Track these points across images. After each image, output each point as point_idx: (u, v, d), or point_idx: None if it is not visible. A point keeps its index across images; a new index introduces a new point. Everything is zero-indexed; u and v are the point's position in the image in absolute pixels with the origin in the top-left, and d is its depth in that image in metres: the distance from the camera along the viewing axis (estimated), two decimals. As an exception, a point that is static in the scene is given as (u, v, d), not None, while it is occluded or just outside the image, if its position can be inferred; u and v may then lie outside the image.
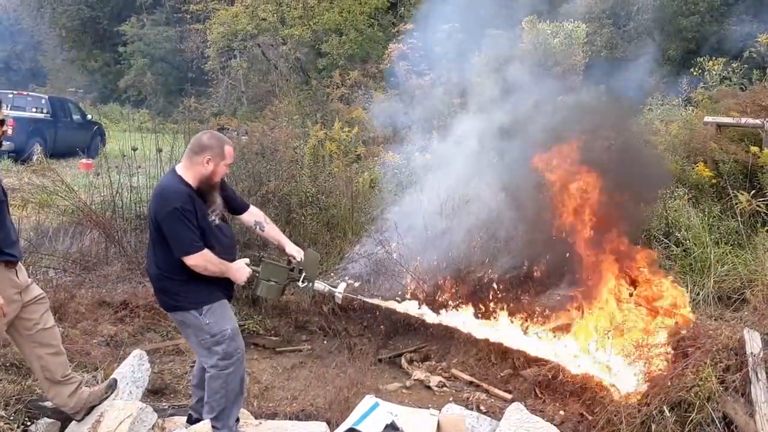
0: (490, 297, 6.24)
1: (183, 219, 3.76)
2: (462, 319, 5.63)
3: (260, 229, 4.37)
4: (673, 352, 5.03)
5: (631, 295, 5.91)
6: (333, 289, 4.44)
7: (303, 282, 4.25)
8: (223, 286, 4.06)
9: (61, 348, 3.98)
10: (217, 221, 4.01)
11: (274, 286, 4.20)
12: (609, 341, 5.34)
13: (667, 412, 4.67)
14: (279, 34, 19.74)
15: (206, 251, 3.84)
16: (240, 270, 4.04)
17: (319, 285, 4.37)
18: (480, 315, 5.91)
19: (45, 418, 4.16)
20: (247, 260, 4.12)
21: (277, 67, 20.56)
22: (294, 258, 4.30)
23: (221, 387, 4.00)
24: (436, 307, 5.72)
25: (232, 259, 4.06)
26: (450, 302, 6.09)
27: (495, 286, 6.30)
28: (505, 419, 4.31)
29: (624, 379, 5.09)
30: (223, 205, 4.13)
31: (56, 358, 3.91)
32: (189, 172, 3.92)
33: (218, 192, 4.05)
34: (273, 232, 4.43)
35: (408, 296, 6.18)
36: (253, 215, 4.38)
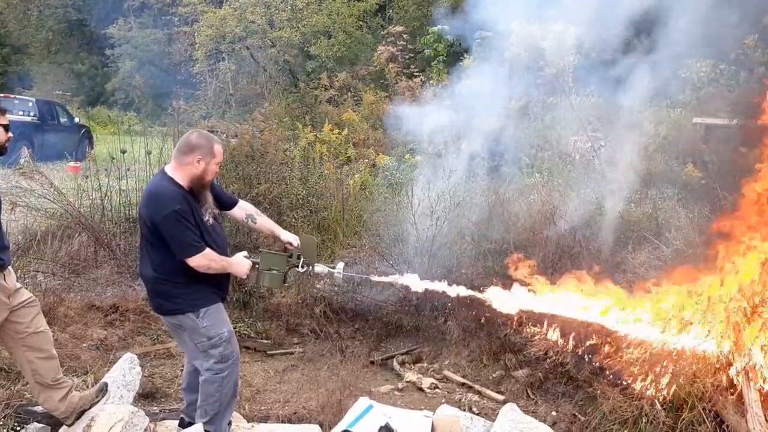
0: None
1: (182, 221, 3.73)
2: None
3: (252, 221, 4.35)
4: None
5: None
6: (332, 269, 4.38)
7: (302, 267, 4.24)
8: (218, 289, 4.04)
9: (53, 352, 3.94)
10: (211, 221, 3.98)
11: (276, 274, 4.17)
12: None
13: (658, 405, 4.70)
14: (267, 37, 19.68)
15: (208, 250, 3.82)
16: (240, 263, 4.02)
17: (319, 267, 4.32)
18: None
19: (35, 423, 4.11)
20: (245, 253, 4.11)
21: (266, 70, 20.51)
22: (290, 245, 4.30)
23: (216, 391, 3.97)
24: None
25: None
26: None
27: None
28: (499, 420, 4.31)
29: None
30: (214, 203, 4.10)
31: (47, 362, 3.87)
32: (179, 173, 3.88)
33: (209, 191, 4.03)
34: (265, 223, 4.42)
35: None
36: (244, 209, 4.36)
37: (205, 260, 3.81)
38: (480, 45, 11.61)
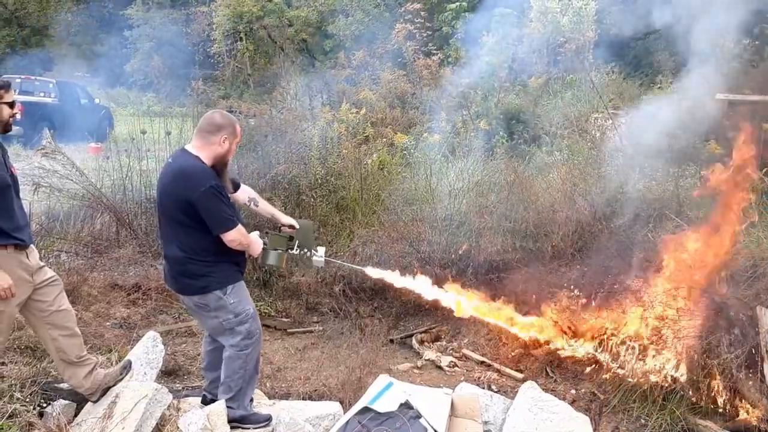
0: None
1: (218, 196, 3.78)
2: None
3: (254, 204, 4.40)
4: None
5: None
6: (315, 254, 4.46)
7: (295, 249, 4.32)
8: (239, 266, 4.09)
9: (76, 330, 3.99)
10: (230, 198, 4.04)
11: (280, 253, 4.25)
12: None
13: (682, 379, 4.69)
14: (285, 16, 19.63)
15: (240, 226, 3.88)
16: (258, 242, 4.09)
17: (316, 257, 4.43)
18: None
19: (61, 400, 4.17)
20: (258, 233, 4.17)
21: (283, 49, 20.46)
22: (290, 228, 4.38)
23: (240, 367, 4.01)
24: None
25: None
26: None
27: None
28: (518, 397, 4.32)
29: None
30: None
31: (71, 339, 3.92)
32: (204, 152, 3.89)
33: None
34: (266, 207, 4.48)
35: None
36: (247, 192, 4.41)
37: (239, 235, 3.86)
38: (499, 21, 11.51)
